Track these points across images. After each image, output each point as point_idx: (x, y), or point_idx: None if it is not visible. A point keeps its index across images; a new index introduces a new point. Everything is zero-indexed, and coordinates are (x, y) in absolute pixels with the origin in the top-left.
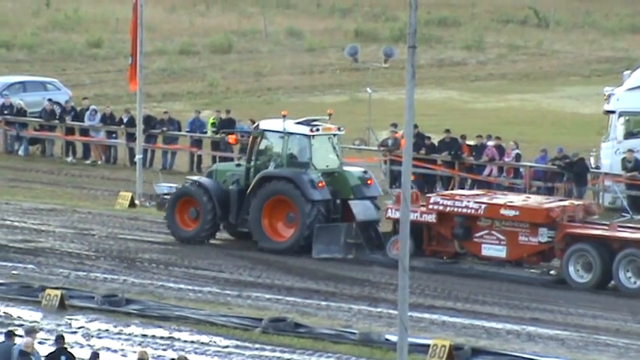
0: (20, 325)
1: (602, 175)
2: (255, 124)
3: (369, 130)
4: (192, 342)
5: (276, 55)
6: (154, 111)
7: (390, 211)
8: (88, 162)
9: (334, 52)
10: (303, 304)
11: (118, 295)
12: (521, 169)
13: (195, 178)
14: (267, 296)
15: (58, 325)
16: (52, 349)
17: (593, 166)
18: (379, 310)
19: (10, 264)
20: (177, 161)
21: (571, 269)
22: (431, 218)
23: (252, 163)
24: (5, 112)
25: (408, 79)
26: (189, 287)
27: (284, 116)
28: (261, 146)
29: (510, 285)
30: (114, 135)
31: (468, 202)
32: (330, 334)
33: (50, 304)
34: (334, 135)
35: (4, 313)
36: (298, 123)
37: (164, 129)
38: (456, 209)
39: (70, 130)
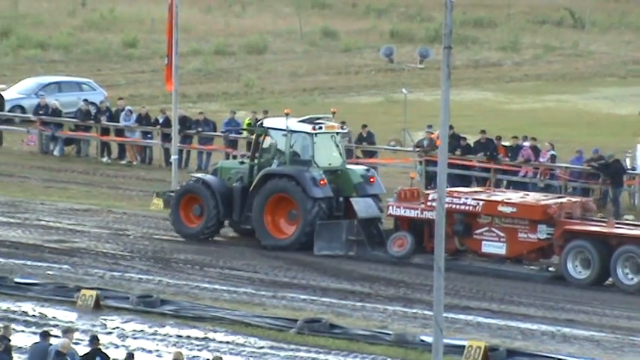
0: (55, 326)
1: (638, 176)
2: (259, 121)
3: (404, 131)
4: (228, 343)
5: (312, 55)
6: (190, 111)
7: (391, 208)
8: (123, 162)
9: (369, 53)
10: (339, 305)
11: (153, 295)
12: (556, 170)
13: (199, 175)
14: (303, 297)
15: (93, 325)
16: (87, 349)
17: (628, 167)
18: (414, 311)
19: (46, 264)
20: (213, 162)
21: (570, 266)
22: (431, 215)
23: (256, 161)
24: (41, 112)
25: (443, 80)
26: (224, 288)
27: (287, 114)
28: (265, 144)
29: (545, 286)
30: (149, 135)
31: (466, 199)
32: (365, 335)
33: (85, 305)
34: (337, 133)
35: (40, 313)
36: (301, 121)
37: (199, 129)
38: (454, 206)
39: (105, 131)
